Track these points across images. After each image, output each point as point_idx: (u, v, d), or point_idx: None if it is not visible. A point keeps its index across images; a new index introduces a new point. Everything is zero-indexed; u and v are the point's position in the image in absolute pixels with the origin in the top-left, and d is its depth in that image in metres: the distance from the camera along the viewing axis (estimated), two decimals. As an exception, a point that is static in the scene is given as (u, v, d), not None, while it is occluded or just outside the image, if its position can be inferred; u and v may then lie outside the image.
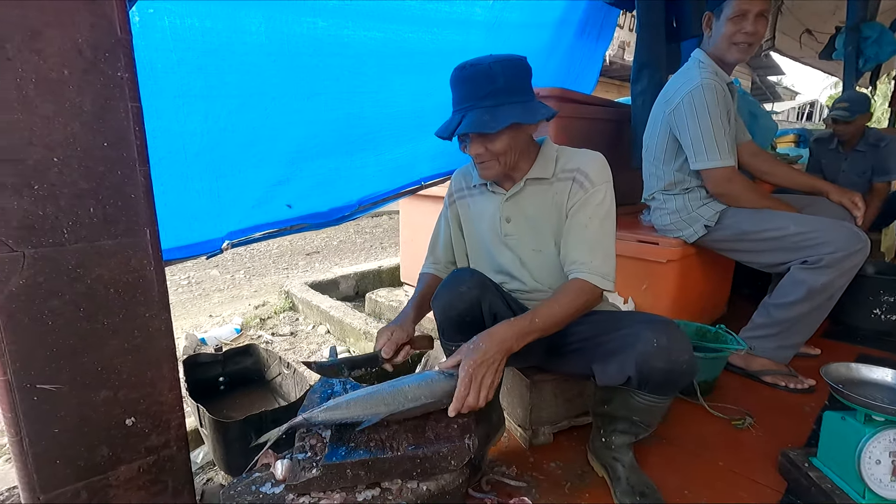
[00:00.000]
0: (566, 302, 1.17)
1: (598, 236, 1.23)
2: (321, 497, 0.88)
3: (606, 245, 1.23)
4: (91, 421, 0.99)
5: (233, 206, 1.62)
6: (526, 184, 1.30)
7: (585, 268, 1.20)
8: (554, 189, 1.28)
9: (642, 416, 1.23)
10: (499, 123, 1.13)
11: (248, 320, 3.03)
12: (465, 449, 0.93)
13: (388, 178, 2.15)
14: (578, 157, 1.28)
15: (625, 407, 1.25)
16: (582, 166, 1.25)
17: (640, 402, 1.21)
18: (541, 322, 1.12)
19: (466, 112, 1.16)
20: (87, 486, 1.01)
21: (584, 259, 1.21)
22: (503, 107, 1.14)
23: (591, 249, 1.22)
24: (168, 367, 1.08)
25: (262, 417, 1.33)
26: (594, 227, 1.23)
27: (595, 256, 1.21)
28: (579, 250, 1.23)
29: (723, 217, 1.92)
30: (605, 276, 1.20)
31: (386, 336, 1.28)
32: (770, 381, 1.87)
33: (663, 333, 1.12)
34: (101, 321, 0.98)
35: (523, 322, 1.11)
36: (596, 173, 1.25)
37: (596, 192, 1.23)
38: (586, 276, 1.19)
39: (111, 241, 0.97)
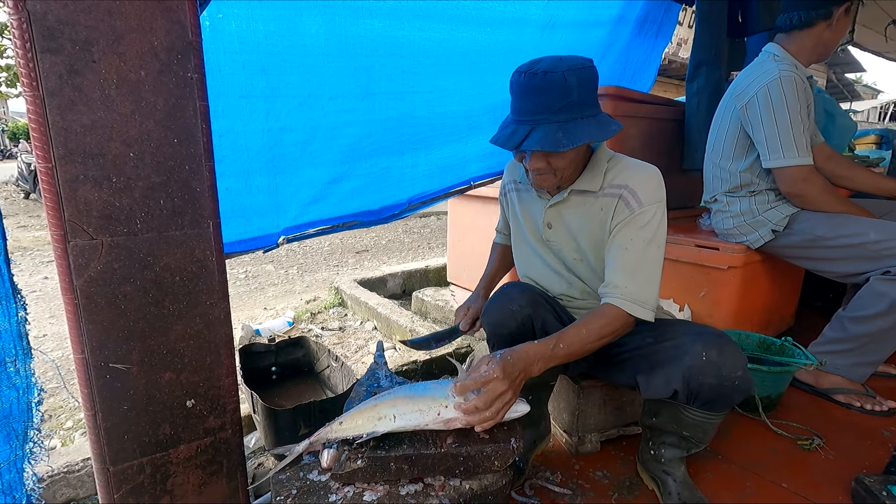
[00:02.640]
0: (594, 329, 1.09)
1: (638, 260, 1.12)
2: (365, 487, 0.90)
3: (647, 270, 1.13)
4: (156, 400, 1.06)
5: (290, 202, 1.68)
6: (571, 194, 1.23)
7: (619, 293, 1.11)
8: (600, 204, 1.19)
9: (692, 431, 1.17)
10: (572, 142, 1.04)
11: (299, 314, 3.14)
12: (509, 450, 0.92)
13: (438, 178, 2.16)
14: (630, 171, 1.18)
15: (673, 421, 1.19)
16: (631, 183, 1.15)
17: (689, 417, 1.15)
18: (565, 349, 1.06)
19: (535, 125, 1.06)
20: (150, 461, 1.08)
21: (620, 283, 1.12)
22: (577, 122, 1.05)
23: (628, 273, 1.12)
24: (226, 353, 1.13)
25: (311, 407, 1.37)
26: (635, 249, 1.13)
27: (632, 281, 1.11)
28: (616, 273, 1.14)
29: (793, 221, 1.79)
30: (641, 304, 1.11)
31: (463, 311, 1.39)
32: (843, 401, 1.73)
33: (714, 347, 1.05)
34: (167, 307, 1.04)
35: (546, 347, 1.05)
36: (646, 192, 1.14)
37: (643, 213, 1.13)
38: (619, 303, 1.11)
39: (178, 232, 1.03)
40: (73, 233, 0.93)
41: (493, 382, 0.95)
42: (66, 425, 2.06)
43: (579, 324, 1.11)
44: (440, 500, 0.86)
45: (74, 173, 0.91)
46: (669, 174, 2.59)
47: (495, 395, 0.95)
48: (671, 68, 10.42)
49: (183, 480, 1.13)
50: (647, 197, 1.14)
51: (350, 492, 0.88)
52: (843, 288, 2.20)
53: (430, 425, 0.95)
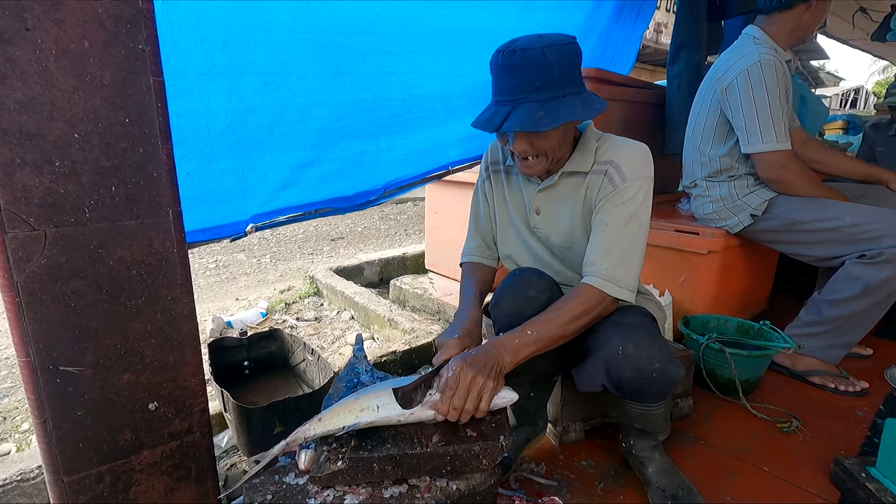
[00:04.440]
0: (566, 311, 1.04)
1: (617, 236, 1.08)
2: (346, 490, 0.84)
3: (627, 248, 1.08)
4: (114, 404, 0.98)
5: (257, 188, 1.58)
6: (561, 177, 1.19)
7: (594, 270, 1.07)
8: (587, 182, 1.16)
9: (641, 422, 1.17)
10: (554, 121, 0.99)
11: (273, 304, 3.04)
12: (498, 448, 0.88)
13: (415, 163, 2.08)
14: (617, 147, 1.14)
15: (624, 414, 1.19)
16: (616, 158, 1.12)
17: (631, 409, 1.15)
18: (535, 334, 1.00)
19: (516, 105, 1.02)
20: (110, 469, 0.99)
21: (597, 261, 1.08)
22: (559, 101, 1.01)
23: (606, 250, 1.08)
24: (191, 351, 1.05)
25: (286, 404, 1.30)
26: (615, 225, 1.09)
27: (609, 259, 1.07)
28: (594, 250, 1.10)
29: (772, 206, 1.80)
30: (617, 282, 1.06)
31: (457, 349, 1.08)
32: (818, 383, 1.76)
33: (630, 340, 1.02)
34: (124, 303, 0.95)
35: (513, 336, 1.01)
36: (631, 167, 1.10)
37: (626, 188, 1.09)
38: (593, 281, 1.06)
39: (133, 222, 0.94)
40: (10, 223, 0.83)
41: (459, 375, 0.91)
42: (21, 428, 1.94)
43: (550, 308, 1.07)
44: (426, 502, 0.81)
45: (9, 156, 0.81)
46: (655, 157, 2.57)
47: (466, 383, 0.91)
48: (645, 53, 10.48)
49: (147, 488, 1.05)
50: (632, 172, 1.10)
51: (330, 495, 0.83)
52: (814, 272, 2.25)
53: (416, 413, 0.90)
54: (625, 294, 1.08)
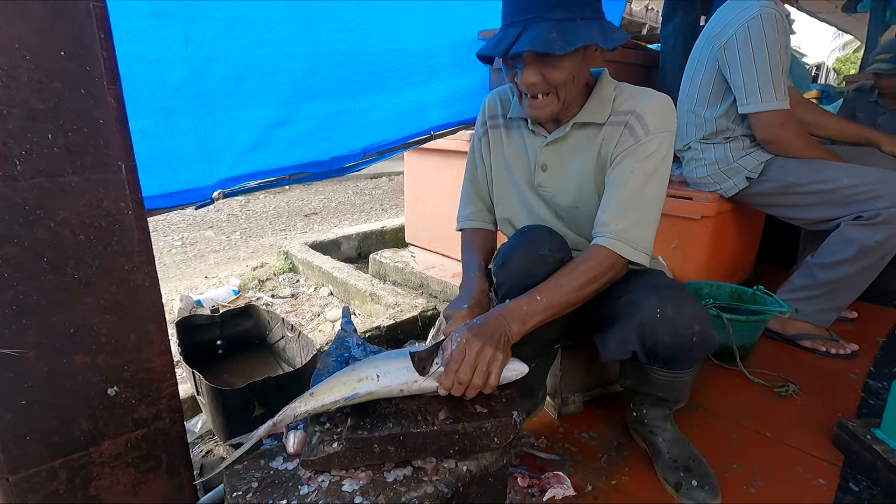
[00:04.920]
0: (577, 275, 0.95)
1: (634, 195, 0.99)
2: (343, 475, 0.75)
3: (644, 207, 1.00)
4: (66, 391, 0.85)
5: (223, 149, 1.43)
6: (572, 128, 1.09)
7: (608, 230, 0.98)
8: (602, 135, 1.06)
9: (664, 391, 1.10)
10: (570, 43, 0.89)
11: (245, 282, 2.88)
12: (511, 425, 0.80)
13: (396, 126, 1.94)
14: (638, 97, 1.04)
15: (644, 382, 1.12)
16: (639, 108, 1.02)
17: (657, 377, 1.07)
18: (545, 300, 0.92)
19: (527, 25, 0.92)
20: (65, 464, 0.87)
21: (610, 220, 0.99)
22: (575, 23, 0.91)
23: (622, 209, 0.99)
24: (155, 328, 0.92)
25: (266, 384, 1.19)
26: (634, 182, 1.00)
27: (625, 218, 0.98)
28: (608, 209, 1.01)
29: (768, 168, 1.75)
30: (632, 244, 0.98)
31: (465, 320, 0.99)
32: (809, 346, 1.75)
33: (669, 302, 0.95)
34: (71, 274, 0.82)
35: (521, 303, 0.93)
36: (655, 119, 1.01)
37: (648, 141, 1.00)
38: (606, 242, 0.98)
39: (77, 178, 0.79)
40: (-82, 176, 0.68)
41: (465, 346, 0.82)
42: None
43: (560, 272, 0.98)
44: (435, 485, 0.72)
45: (-89, 92, 0.66)
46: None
47: (473, 356, 0.82)
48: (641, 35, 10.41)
49: (111, 483, 0.93)
50: (656, 124, 1.00)
51: (325, 481, 0.73)
52: (795, 240, 2.25)
53: (419, 382, 0.81)
54: (641, 257, 1.00)
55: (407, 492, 0.72)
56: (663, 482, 1.11)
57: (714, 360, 1.64)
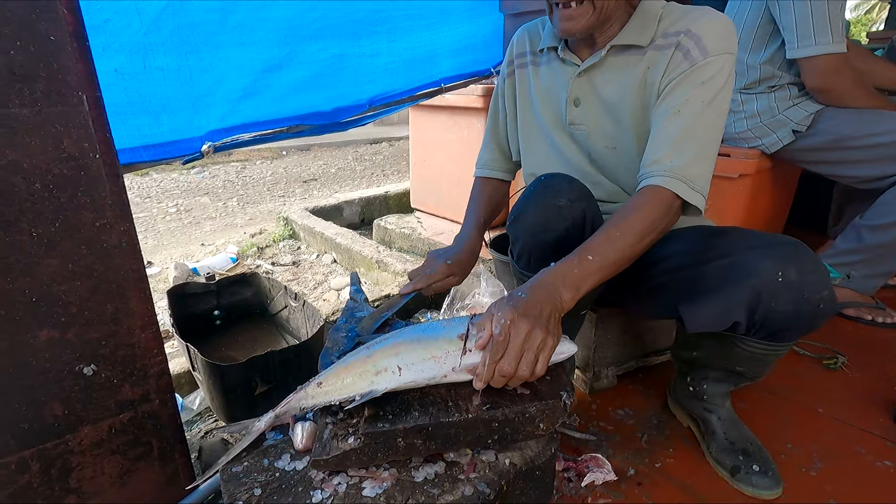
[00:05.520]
0: (631, 225, 0.80)
1: (691, 126, 0.84)
2: (363, 475, 0.62)
3: (703, 142, 0.85)
4: (32, 371, 0.71)
5: (212, 96, 1.26)
6: (609, 52, 0.94)
7: (661, 168, 0.83)
8: (647, 61, 0.91)
9: (748, 365, 0.95)
10: None
11: (244, 249, 2.74)
12: (560, 408, 0.67)
13: (404, 74, 1.76)
14: (692, 15, 0.89)
15: (723, 355, 0.97)
16: (694, 27, 0.87)
17: (749, 349, 0.92)
18: (597, 259, 0.77)
19: None
20: (37, 454, 0.75)
21: (664, 156, 0.84)
22: None
23: (677, 142, 0.84)
24: (136, 296, 0.79)
25: (268, 359, 1.07)
26: (690, 112, 0.85)
27: (680, 154, 0.83)
28: (660, 144, 0.86)
29: (817, 120, 1.58)
30: (689, 182, 0.82)
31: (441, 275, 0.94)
32: (853, 315, 1.62)
33: (791, 262, 0.79)
34: (27, 230, 0.67)
35: (570, 265, 0.77)
36: (714, 38, 0.86)
37: (707, 64, 0.85)
38: (661, 181, 0.83)
39: (27, 110, 0.64)
40: None
41: (510, 330, 0.67)
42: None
43: (608, 223, 0.82)
44: (474, 484, 0.60)
45: None
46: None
47: (520, 342, 0.66)
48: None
49: (94, 473, 0.81)
50: (715, 45, 0.85)
51: (342, 484, 0.61)
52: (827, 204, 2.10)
53: (449, 376, 0.68)
54: (699, 200, 0.84)
55: (441, 494, 0.59)
56: (715, 465, 1.00)
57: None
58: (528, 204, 0.92)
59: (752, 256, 0.83)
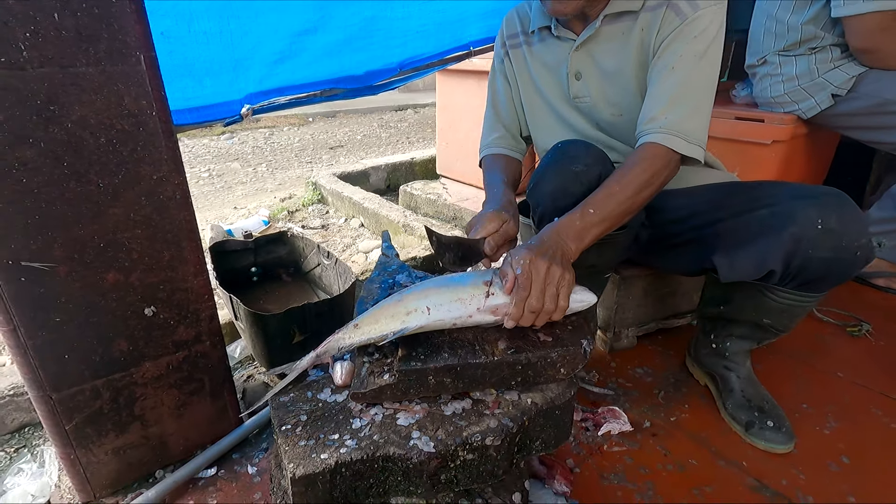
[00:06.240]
0: (632, 178, 0.84)
1: (685, 81, 0.87)
2: (397, 408, 0.69)
3: (698, 95, 0.88)
4: (101, 309, 0.79)
5: (251, 59, 1.30)
6: (603, 22, 0.95)
7: (657, 125, 0.87)
8: (641, 23, 0.92)
9: (776, 318, 0.98)
10: None
11: (275, 213, 2.83)
12: (580, 354, 0.71)
13: (434, 37, 1.76)
14: None
15: (752, 308, 0.99)
16: None
17: (779, 301, 0.95)
18: (599, 212, 0.81)
19: None
20: (107, 383, 0.84)
21: (660, 114, 0.88)
22: None
23: (673, 100, 0.87)
24: (189, 246, 0.85)
25: (305, 310, 1.14)
26: (684, 68, 0.87)
27: (676, 109, 0.87)
28: (655, 101, 0.89)
29: (859, 83, 1.52)
30: (685, 136, 0.86)
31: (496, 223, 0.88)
32: (883, 285, 1.61)
33: (832, 210, 0.82)
34: (95, 181, 0.74)
35: (573, 217, 0.81)
36: None
37: (698, 18, 0.87)
38: (657, 138, 0.87)
39: (92, 69, 0.69)
40: (-89, 59, 0.58)
41: (531, 269, 0.71)
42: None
43: (610, 179, 0.86)
44: (498, 419, 0.66)
45: None
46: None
47: (541, 278, 0.71)
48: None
49: (155, 403, 0.90)
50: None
51: (378, 414, 0.67)
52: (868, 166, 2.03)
53: (474, 317, 0.73)
54: (697, 151, 0.88)
55: (468, 426, 0.65)
56: (730, 421, 1.04)
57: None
58: (547, 170, 0.95)
59: (793, 206, 0.86)
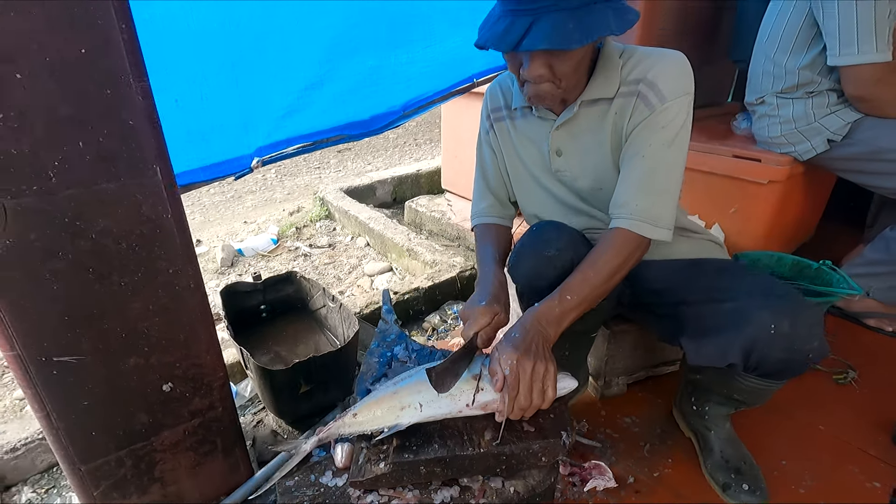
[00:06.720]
0: (602, 265, 0.91)
1: (654, 168, 0.93)
2: (391, 495, 0.76)
3: (665, 181, 0.94)
4: (124, 389, 0.87)
5: (260, 114, 1.35)
6: (581, 107, 0.99)
7: (628, 211, 0.93)
8: (615, 107, 0.97)
9: (745, 396, 1.04)
10: (588, 35, 0.80)
11: (283, 229, 2.90)
12: (560, 446, 0.78)
13: (438, 76, 1.79)
14: (649, 61, 0.94)
15: (723, 385, 1.05)
16: (650, 74, 0.92)
17: (745, 384, 1.00)
18: (575, 298, 0.88)
19: (539, 15, 0.81)
20: (130, 453, 0.92)
21: (630, 201, 0.94)
22: (591, 8, 0.81)
23: (641, 186, 0.93)
24: (203, 327, 0.92)
25: (311, 364, 1.21)
26: (652, 156, 0.93)
27: (645, 196, 0.93)
28: (626, 188, 0.95)
29: (855, 129, 1.54)
30: (653, 222, 0.92)
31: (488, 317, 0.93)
32: (874, 326, 1.64)
33: (785, 315, 0.86)
34: (117, 282, 0.80)
35: (551, 306, 0.88)
36: (669, 83, 0.92)
37: (665, 110, 0.91)
38: (627, 224, 0.93)
39: (113, 185, 0.76)
40: (-46, 197, 0.65)
41: (517, 370, 0.79)
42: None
43: (584, 264, 0.93)
44: (482, 508, 0.73)
45: (-68, 109, 0.61)
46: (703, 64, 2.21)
47: (528, 378, 0.79)
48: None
49: (173, 466, 0.98)
50: (671, 89, 0.91)
51: (374, 501, 0.74)
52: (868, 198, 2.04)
53: (464, 412, 0.80)
54: (665, 234, 0.94)
55: (457, 513, 0.72)
56: (710, 480, 1.10)
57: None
58: (523, 253, 1.03)
59: (749, 306, 0.90)
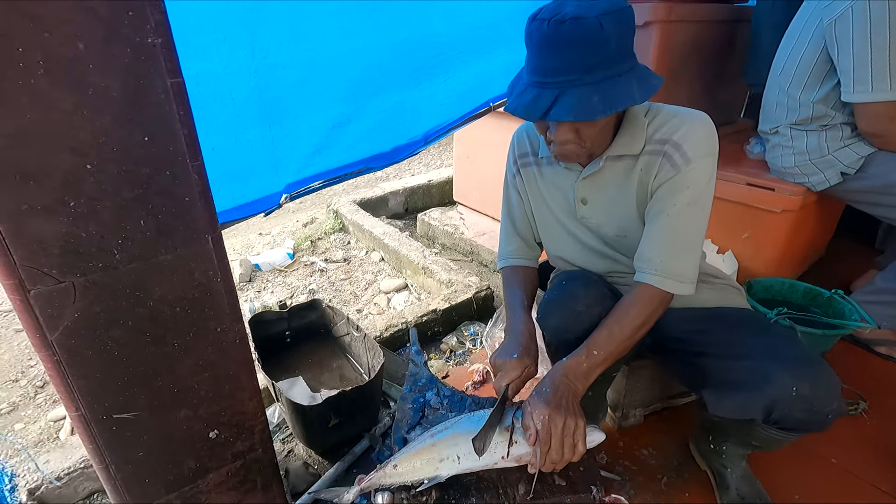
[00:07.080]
0: (630, 319, 0.96)
1: (678, 227, 0.98)
2: (431, 546, 0.81)
3: (689, 238, 0.99)
4: (174, 440, 0.92)
5: (290, 155, 1.40)
6: (606, 162, 1.03)
7: (653, 268, 0.98)
8: (640, 164, 1.01)
9: (764, 443, 1.08)
10: (611, 107, 0.85)
11: (298, 242, 2.94)
12: (591, 500, 0.82)
13: (457, 105, 1.83)
14: (674, 122, 0.98)
15: (742, 432, 1.10)
16: (676, 136, 0.96)
17: (767, 434, 1.04)
18: (602, 353, 0.94)
19: (564, 89, 0.86)
20: (179, 495, 0.97)
21: (655, 256, 0.98)
22: (615, 81, 0.85)
23: (667, 245, 0.98)
24: (246, 377, 0.97)
25: (340, 399, 1.26)
26: (677, 215, 0.97)
27: (669, 254, 0.97)
28: (652, 244, 1.00)
29: (868, 164, 1.57)
30: (678, 278, 0.97)
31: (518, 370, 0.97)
32: (885, 353, 1.68)
33: (805, 378, 0.90)
34: (171, 343, 0.85)
35: (579, 362, 0.94)
36: (694, 145, 0.95)
37: (690, 171, 0.95)
38: (652, 280, 0.98)
39: (169, 256, 0.80)
40: (31, 279, 0.70)
41: (549, 426, 0.86)
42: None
43: (610, 319, 0.99)
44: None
45: (13, 203, 0.66)
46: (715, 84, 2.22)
47: (559, 433, 0.86)
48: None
49: (217, 502, 1.04)
50: (696, 151, 0.95)
51: (414, 552, 0.80)
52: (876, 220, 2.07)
53: (499, 464, 0.85)
54: (688, 289, 0.99)
55: (493, 565, 0.77)
56: (725, 516, 1.15)
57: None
58: (551, 307, 1.07)
59: (771, 368, 0.94)
